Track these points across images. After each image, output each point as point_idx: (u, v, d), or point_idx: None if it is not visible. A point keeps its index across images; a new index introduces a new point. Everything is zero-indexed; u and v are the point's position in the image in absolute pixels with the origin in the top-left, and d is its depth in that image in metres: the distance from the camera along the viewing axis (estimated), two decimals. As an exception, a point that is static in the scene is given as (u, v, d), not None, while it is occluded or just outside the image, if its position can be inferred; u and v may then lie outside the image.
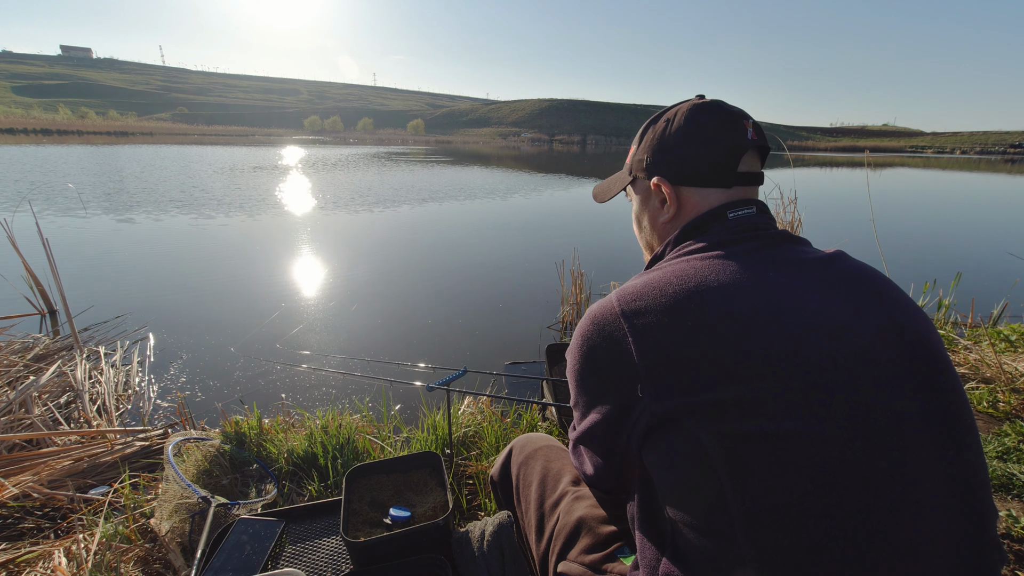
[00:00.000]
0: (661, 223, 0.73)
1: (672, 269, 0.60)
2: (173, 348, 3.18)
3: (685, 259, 0.62)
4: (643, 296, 0.58)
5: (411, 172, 18.64)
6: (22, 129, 67.94)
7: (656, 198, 0.73)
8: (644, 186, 0.75)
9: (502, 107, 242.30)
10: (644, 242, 0.81)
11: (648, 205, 0.75)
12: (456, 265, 5.48)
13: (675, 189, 0.70)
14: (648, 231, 0.77)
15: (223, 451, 1.70)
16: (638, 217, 0.79)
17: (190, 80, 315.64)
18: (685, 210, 0.70)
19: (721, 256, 0.60)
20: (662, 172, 0.71)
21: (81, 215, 7.47)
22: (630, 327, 0.56)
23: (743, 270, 0.57)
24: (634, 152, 0.77)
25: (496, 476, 1.05)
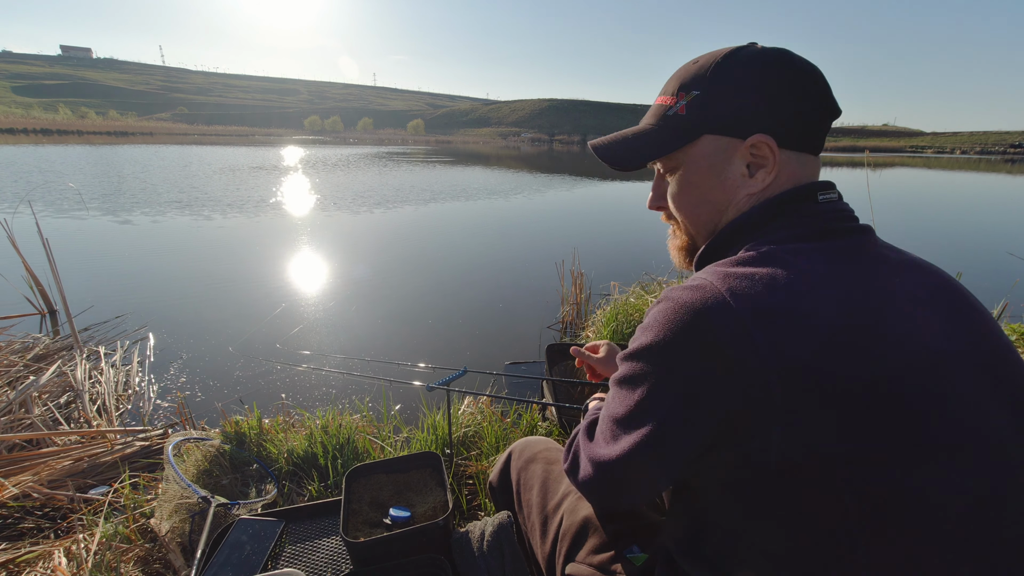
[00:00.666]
0: (746, 195, 0.58)
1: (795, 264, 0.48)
2: (173, 348, 3.18)
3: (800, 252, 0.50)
4: (772, 296, 0.45)
5: (411, 172, 18.64)
6: (22, 129, 67.95)
7: (738, 163, 0.57)
8: (721, 146, 0.58)
9: (502, 107, 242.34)
10: (698, 219, 0.63)
11: (722, 171, 0.58)
12: (456, 265, 5.48)
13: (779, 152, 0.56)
14: (710, 207, 0.61)
15: (223, 451, 1.70)
16: (697, 187, 0.61)
17: (190, 80, 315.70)
18: (778, 181, 0.57)
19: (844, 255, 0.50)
20: (772, 128, 0.55)
21: (80, 215, 7.46)
22: (765, 340, 0.43)
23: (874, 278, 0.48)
24: (697, 100, 0.58)
25: (495, 481, 1.03)
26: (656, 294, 2.83)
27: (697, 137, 0.59)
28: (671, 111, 0.61)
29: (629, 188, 15.28)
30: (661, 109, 0.62)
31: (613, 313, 2.69)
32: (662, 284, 3.05)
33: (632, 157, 0.65)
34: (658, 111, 0.63)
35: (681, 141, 0.60)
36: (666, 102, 0.61)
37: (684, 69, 0.60)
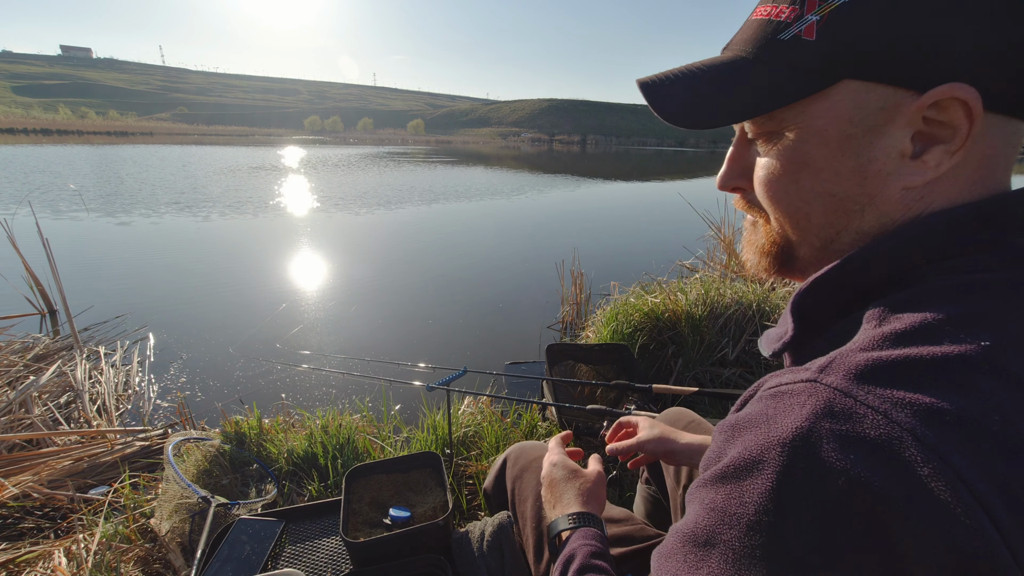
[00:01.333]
0: (900, 190, 0.35)
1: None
2: (173, 348, 3.18)
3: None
4: None
5: (411, 172, 18.64)
6: (22, 129, 67.95)
7: (898, 133, 0.33)
8: (869, 102, 0.34)
9: (502, 107, 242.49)
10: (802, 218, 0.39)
11: (866, 145, 0.34)
12: (456, 265, 5.48)
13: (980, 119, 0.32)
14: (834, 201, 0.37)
15: (223, 451, 1.70)
16: (810, 167, 0.37)
17: (190, 80, 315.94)
18: (963, 171, 0.34)
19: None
20: (975, 74, 0.31)
21: (80, 215, 7.46)
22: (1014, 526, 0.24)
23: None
24: (842, 14, 0.33)
25: (490, 488, 1.00)
26: (656, 294, 2.82)
27: (832, 82, 0.34)
28: (786, 32, 0.35)
29: (629, 187, 15.29)
30: (767, 29, 0.37)
31: (613, 313, 2.69)
32: (662, 284, 3.04)
33: (708, 109, 0.39)
34: (761, 32, 0.37)
35: (802, 88, 0.35)
36: (777, 14, 0.36)
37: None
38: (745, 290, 2.78)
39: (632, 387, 1.53)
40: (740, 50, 0.39)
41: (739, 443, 0.31)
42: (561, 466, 0.75)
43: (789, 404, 0.30)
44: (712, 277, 3.13)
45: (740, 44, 0.39)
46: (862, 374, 0.28)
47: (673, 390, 1.44)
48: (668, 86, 0.41)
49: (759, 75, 0.37)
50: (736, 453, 0.31)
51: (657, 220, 9.06)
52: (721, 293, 2.72)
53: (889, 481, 0.25)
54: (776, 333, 0.40)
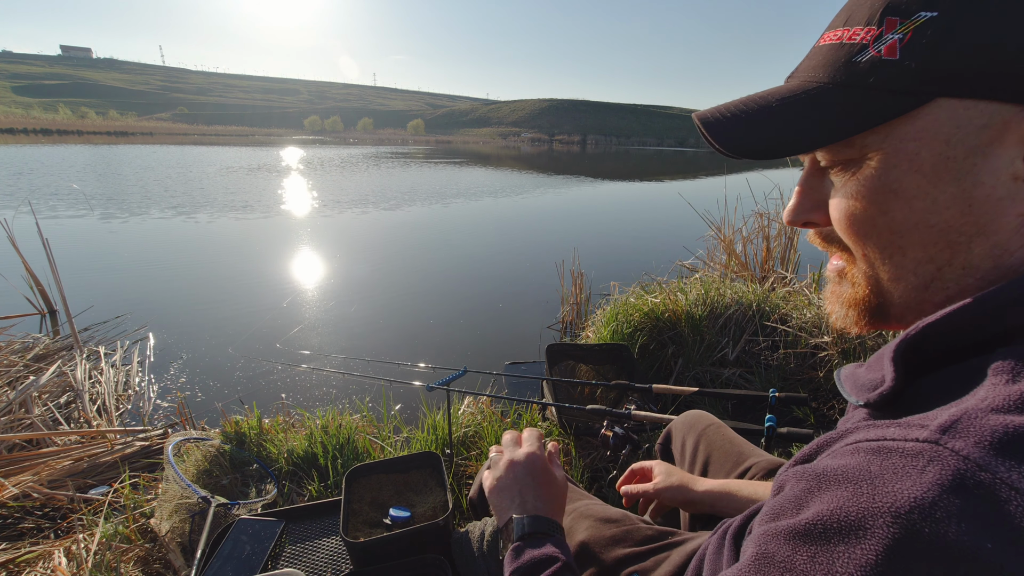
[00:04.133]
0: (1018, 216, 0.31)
1: None
2: (173, 348, 3.18)
3: None
4: None
5: (411, 172, 18.64)
6: (22, 129, 67.95)
7: (1008, 154, 0.30)
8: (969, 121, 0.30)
9: (502, 107, 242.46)
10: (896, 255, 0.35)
11: (969, 169, 0.31)
12: (456, 265, 5.48)
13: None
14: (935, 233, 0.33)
15: (223, 451, 1.70)
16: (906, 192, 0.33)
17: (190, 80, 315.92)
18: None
19: None
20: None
21: (80, 215, 7.46)
22: None
23: None
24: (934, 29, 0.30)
25: (475, 496, 0.97)
26: (656, 294, 2.82)
27: (923, 102, 0.31)
28: (864, 55, 0.33)
29: (629, 187, 15.29)
30: (840, 52, 0.34)
31: (613, 313, 2.69)
32: (662, 284, 3.04)
33: (777, 140, 0.36)
34: (834, 56, 0.35)
35: (887, 111, 0.32)
36: (852, 37, 0.34)
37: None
38: (745, 290, 2.78)
39: (632, 387, 1.53)
40: (810, 77, 0.36)
41: (830, 498, 0.27)
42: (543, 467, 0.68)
43: (902, 466, 0.25)
44: (712, 277, 3.13)
45: (809, 71, 0.36)
46: (1002, 444, 0.24)
47: (673, 390, 1.44)
48: (736, 117, 0.38)
49: (836, 98, 0.34)
50: (826, 509, 0.27)
51: (657, 220, 9.05)
52: (721, 293, 2.72)
53: None
54: (869, 380, 0.35)
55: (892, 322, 0.38)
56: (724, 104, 0.40)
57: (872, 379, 0.35)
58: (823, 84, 0.35)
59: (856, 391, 0.36)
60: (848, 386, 0.38)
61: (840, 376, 0.39)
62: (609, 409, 1.29)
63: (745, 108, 0.38)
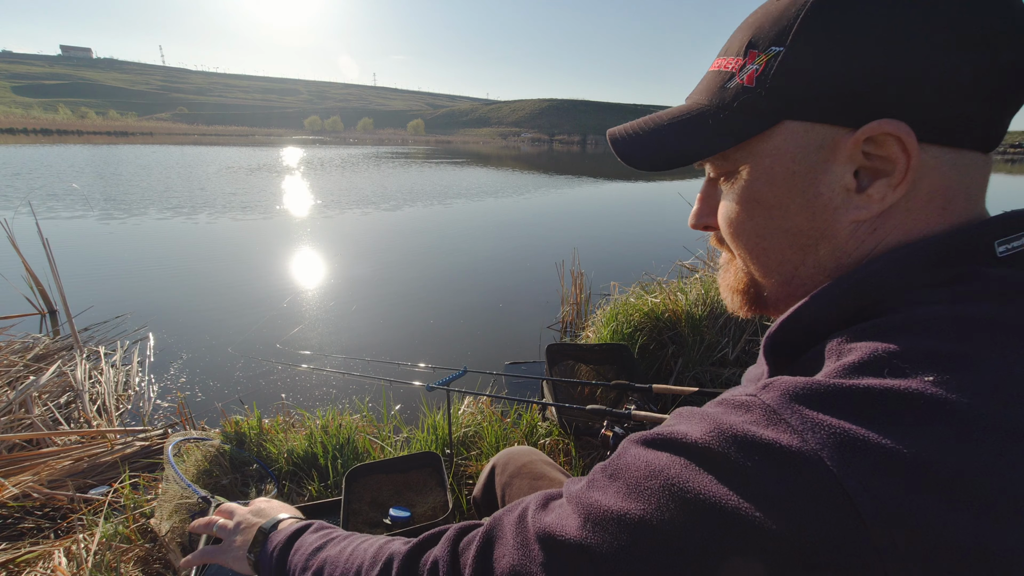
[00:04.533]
0: (851, 223, 0.36)
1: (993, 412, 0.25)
2: (173, 348, 3.18)
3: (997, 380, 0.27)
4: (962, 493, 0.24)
5: (411, 172, 18.64)
6: (22, 129, 67.97)
7: (840, 168, 0.35)
8: (809, 140, 0.35)
9: (502, 107, 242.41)
10: (762, 255, 0.41)
11: (812, 181, 0.36)
12: (456, 265, 5.48)
13: (918, 151, 0.33)
14: (789, 237, 0.39)
15: (223, 451, 1.70)
16: (762, 205, 0.39)
17: (190, 80, 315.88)
18: (913, 203, 0.34)
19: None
20: (909, 109, 0.32)
21: (81, 215, 7.46)
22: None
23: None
24: (781, 62, 0.35)
25: (479, 496, 0.98)
26: (656, 294, 2.82)
27: (772, 124, 0.36)
28: (732, 82, 0.38)
29: (629, 187, 15.29)
30: (718, 79, 0.40)
31: (613, 313, 2.69)
32: (662, 284, 3.04)
33: (663, 155, 0.42)
34: (714, 82, 0.40)
35: (744, 131, 0.38)
36: (727, 66, 0.39)
37: (763, 11, 0.38)
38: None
39: (632, 387, 1.53)
40: (697, 99, 0.42)
41: (668, 426, 0.34)
42: None
43: (725, 411, 0.31)
44: (712, 277, 3.13)
45: (697, 94, 0.42)
46: (795, 395, 0.29)
47: (673, 390, 1.44)
48: (634, 136, 0.45)
49: (710, 119, 0.40)
50: (665, 430, 0.33)
51: (657, 220, 9.05)
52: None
53: (780, 491, 0.26)
54: (754, 373, 0.42)
55: (770, 309, 0.44)
56: (630, 123, 0.46)
57: (756, 373, 0.41)
58: (703, 106, 0.41)
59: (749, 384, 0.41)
60: (744, 381, 0.43)
61: (744, 375, 0.45)
62: (609, 409, 1.28)
63: (643, 127, 0.45)
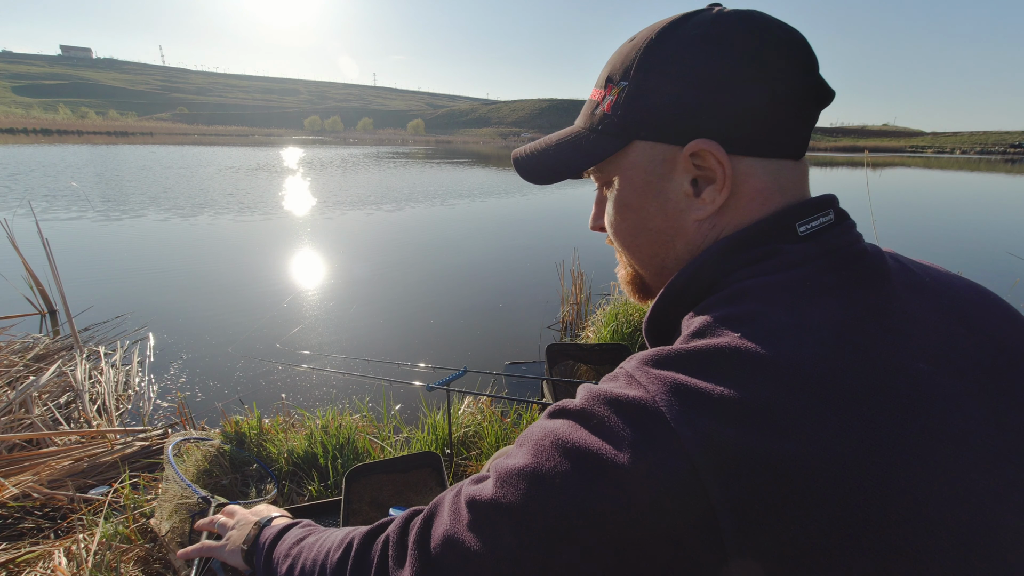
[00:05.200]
0: (693, 220, 0.44)
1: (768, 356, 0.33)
2: (173, 348, 3.18)
3: (776, 332, 0.34)
4: (745, 434, 0.30)
5: (411, 172, 18.63)
6: (22, 129, 67.97)
7: (683, 177, 0.43)
8: (657, 155, 0.44)
9: (502, 107, 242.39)
10: (636, 251, 0.50)
11: (662, 189, 0.44)
12: (456, 265, 5.48)
13: (730, 161, 0.41)
14: (654, 235, 0.47)
15: (223, 451, 1.70)
16: (630, 207, 0.47)
17: (190, 80, 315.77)
18: (739, 201, 0.42)
19: (853, 328, 0.34)
20: (718, 129, 0.41)
21: (81, 215, 7.46)
22: None
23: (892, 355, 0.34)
24: (626, 94, 0.44)
25: None
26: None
27: (626, 143, 0.45)
28: (598, 109, 0.47)
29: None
30: (590, 106, 0.49)
31: (613, 313, 2.69)
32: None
33: (544, 170, 0.51)
34: (587, 109, 0.49)
35: (606, 150, 0.46)
36: (595, 96, 0.48)
37: (618, 52, 0.46)
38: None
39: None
40: (577, 124, 0.51)
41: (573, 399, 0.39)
42: None
43: (603, 382, 0.39)
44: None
45: (578, 119, 0.51)
46: (646, 360, 0.36)
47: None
48: (529, 156, 0.54)
49: (583, 140, 0.48)
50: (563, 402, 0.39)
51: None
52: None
53: (626, 433, 0.33)
54: None
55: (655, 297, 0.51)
56: (528, 145, 0.56)
57: None
58: (579, 130, 0.50)
59: None
60: None
61: None
62: None
63: (536, 149, 0.54)
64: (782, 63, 0.40)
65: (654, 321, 0.47)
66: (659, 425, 0.32)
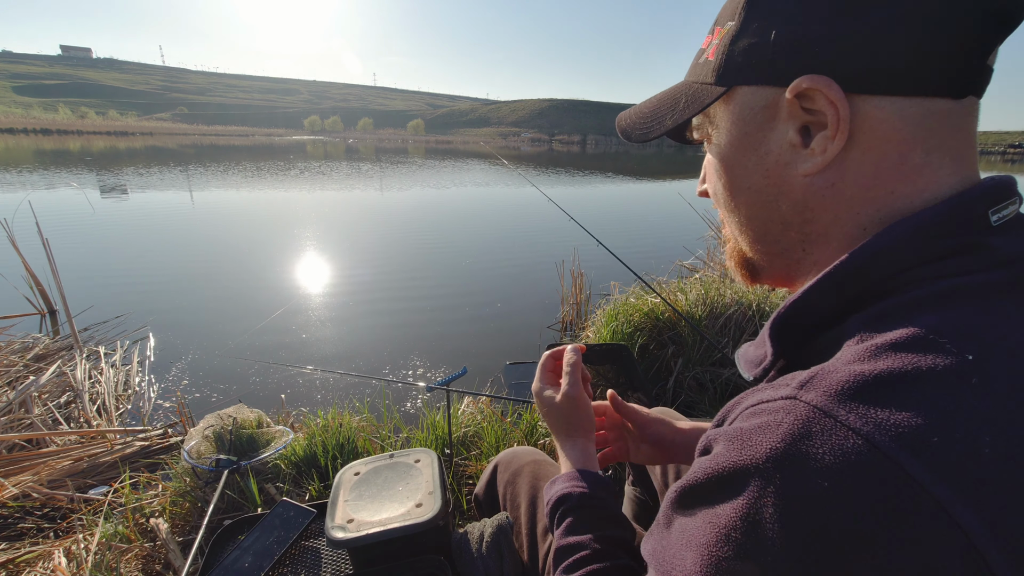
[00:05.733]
0: (801, 175, 0.36)
1: None
2: (173, 348, 3.18)
3: None
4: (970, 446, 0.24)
5: (411, 173, 18.63)
6: (22, 129, 67.98)
7: (788, 124, 0.36)
8: (759, 99, 0.37)
9: (502, 107, 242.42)
10: (743, 217, 0.42)
11: (763, 140, 0.38)
12: (456, 265, 5.48)
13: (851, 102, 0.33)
14: (757, 194, 0.40)
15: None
16: (730, 165, 0.41)
17: (190, 80, 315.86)
18: (862, 150, 0.34)
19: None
20: (822, 64, 0.33)
21: (80, 215, 7.46)
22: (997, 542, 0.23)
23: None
24: (730, 32, 0.38)
25: (481, 493, 0.99)
26: (654, 296, 2.82)
27: (727, 90, 0.39)
28: (703, 57, 0.42)
29: (629, 188, 15.28)
30: (697, 56, 0.43)
31: (613, 313, 2.69)
32: (662, 284, 3.04)
33: (640, 126, 0.48)
34: (696, 60, 0.44)
35: (703, 100, 0.41)
36: (704, 44, 0.42)
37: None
38: (745, 290, 2.78)
39: (632, 387, 1.53)
40: (685, 78, 0.46)
41: (714, 457, 0.31)
42: (538, 396, 0.74)
43: (767, 423, 0.29)
44: (712, 277, 3.13)
45: (687, 73, 0.46)
46: (844, 391, 0.27)
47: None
48: (632, 111, 0.51)
49: (683, 93, 0.44)
50: (709, 467, 0.31)
51: (657, 220, 9.05)
52: (721, 293, 2.72)
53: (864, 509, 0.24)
54: (755, 356, 0.39)
55: (764, 277, 0.45)
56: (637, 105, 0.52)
57: (758, 355, 0.39)
58: (686, 83, 0.44)
59: (747, 367, 0.40)
60: (742, 363, 0.41)
61: (737, 354, 0.43)
62: None
63: (641, 105, 0.50)
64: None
65: (796, 317, 0.36)
66: (915, 495, 0.24)
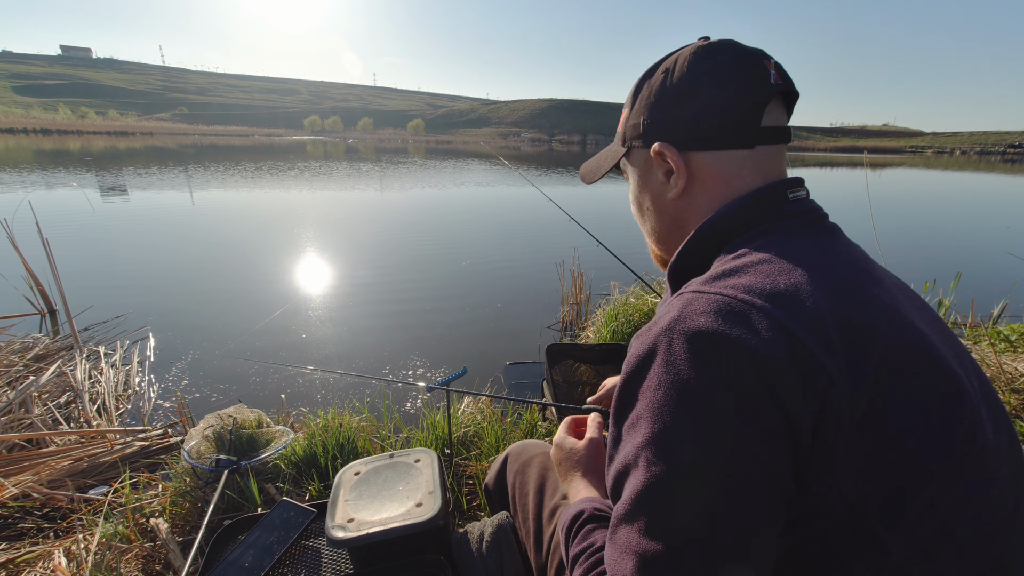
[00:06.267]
0: (670, 200, 0.59)
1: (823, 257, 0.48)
2: (173, 348, 3.18)
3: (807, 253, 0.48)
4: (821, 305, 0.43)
5: (411, 173, 18.62)
6: (22, 129, 67.97)
7: (658, 170, 0.60)
8: (642, 157, 0.61)
9: (502, 107, 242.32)
10: (649, 228, 0.66)
11: (649, 181, 0.62)
12: (456, 265, 5.48)
13: (683, 156, 0.56)
14: (652, 213, 0.63)
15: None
16: (637, 198, 0.65)
17: (190, 80, 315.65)
18: (701, 182, 0.57)
19: (841, 263, 0.49)
20: (664, 135, 0.57)
21: (80, 215, 7.46)
22: (831, 354, 0.41)
23: (874, 286, 0.48)
24: (626, 116, 0.63)
25: (491, 483, 1.02)
26: (654, 296, 2.82)
27: (628, 150, 0.64)
28: (619, 128, 0.66)
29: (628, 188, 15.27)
30: (619, 125, 0.67)
31: (613, 313, 2.69)
32: (662, 284, 3.04)
33: (587, 172, 0.77)
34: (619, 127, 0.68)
35: (619, 155, 0.66)
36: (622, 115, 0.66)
37: None
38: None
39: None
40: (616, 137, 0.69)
41: (630, 355, 0.47)
42: (560, 445, 0.79)
43: (665, 311, 0.47)
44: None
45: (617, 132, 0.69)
46: (708, 279, 0.48)
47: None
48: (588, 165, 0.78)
49: (612, 149, 0.70)
50: (629, 360, 0.47)
51: (657, 220, 9.02)
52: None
53: (737, 329, 0.41)
54: (665, 297, 0.62)
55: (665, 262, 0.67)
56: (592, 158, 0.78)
57: (665, 295, 0.62)
58: (615, 143, 0.69)
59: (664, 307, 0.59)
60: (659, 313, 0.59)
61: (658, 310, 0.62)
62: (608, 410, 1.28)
63: (592, 159, 0.77)
64: (725, 77, 0.54)
65: (681, 262, 0.58)
66: (760, 315, 0.42)
